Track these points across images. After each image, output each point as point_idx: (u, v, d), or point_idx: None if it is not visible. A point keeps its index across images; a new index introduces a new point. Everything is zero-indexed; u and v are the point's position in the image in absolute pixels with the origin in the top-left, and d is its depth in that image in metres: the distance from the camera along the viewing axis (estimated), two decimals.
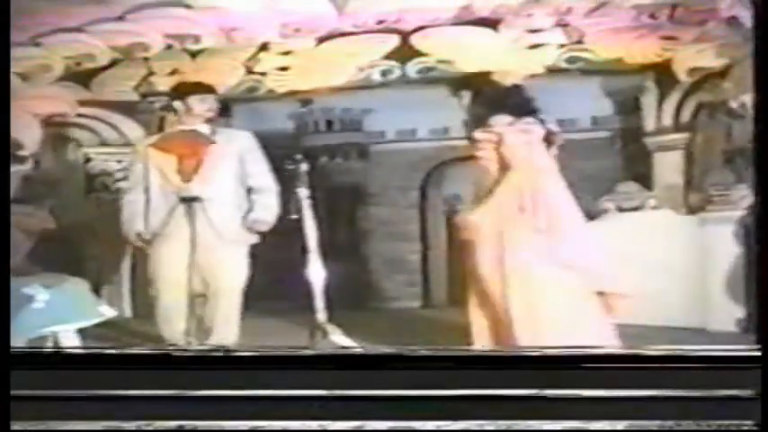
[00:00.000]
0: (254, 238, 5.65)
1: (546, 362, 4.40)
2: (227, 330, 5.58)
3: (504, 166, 5.18)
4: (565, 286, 5.08)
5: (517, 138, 5.19)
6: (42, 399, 4.19)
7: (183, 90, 5.80)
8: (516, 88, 5.56)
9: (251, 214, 5.59)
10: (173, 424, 4.19)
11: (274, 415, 4.20)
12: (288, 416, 4.20)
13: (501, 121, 5.25)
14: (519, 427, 4.16)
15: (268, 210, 5.61)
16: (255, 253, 5.77)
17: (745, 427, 4.10)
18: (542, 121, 5.30)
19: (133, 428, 4.19)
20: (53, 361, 4.47)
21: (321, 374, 4.31)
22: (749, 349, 4.24)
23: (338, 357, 4.61)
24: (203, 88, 5.79)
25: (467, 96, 5.56)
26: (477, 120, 5.32)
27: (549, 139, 5.32)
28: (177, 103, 5.70)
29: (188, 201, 5.47)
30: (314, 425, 4.18)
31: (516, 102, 5.37)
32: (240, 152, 5.66)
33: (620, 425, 4.14)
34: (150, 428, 4.19)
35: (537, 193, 5.12)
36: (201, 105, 5.66)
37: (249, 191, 5.64)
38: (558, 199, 5.20)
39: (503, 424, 4.16)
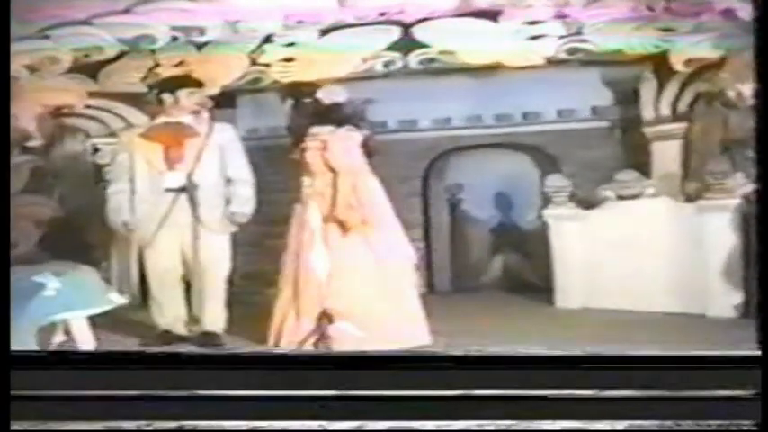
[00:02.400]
0: (234, 228, 5.77)
1: (546, 362, 4.43)
2: (213, 318, 5.70)
3: (330, 169, 5.63)
4: (382, 281, 5.50)
5: (339, 144, 5.65)
6: (42, 399, 4.22)
7: (173, 84, 5.91)
8: (338, 105, 5.97)
9: (230, 206, 5.71)
10: (173, 424, 4.21)
11: (274, 415, 4.21)
12: (288, 416, 4.21)
13: (324, 130, 5.72)
14: (519, 427, 4.17)
15: (246, 202, 5.74)
16: (261, 241, 5.86)
17: (745, 427, 4.10)
18: (361, 129, 5.84)
19: (133, 428, 4.20)
20: (53, 361, 4.48)
21: (321, 374, 4.33)
22: (749, 349, 4.23)
23: (338, 357, 4.64)
24: (191, 82, 5.90)
25: (289, 105, 6.06)
26: (300, 127, 5.78)
27: (366, 145, 5.79)
28: (166, 96, 5.81)
29: (172, 190, 5.58)
30: (314, 425, 4.20)
31: (338, 113, 5.85)
32: (221, 144, 5.75)
33: (620, 425, 4.14)
34: (150, 428, 4.20)
35: (359, 193, 5.60)
36: (189, 99, 5.76)
37: (228, 182, 5.74)
38: (375, 198, 5.73)
39: (503, 424, 4.17)
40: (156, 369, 4.38)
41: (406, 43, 6.70)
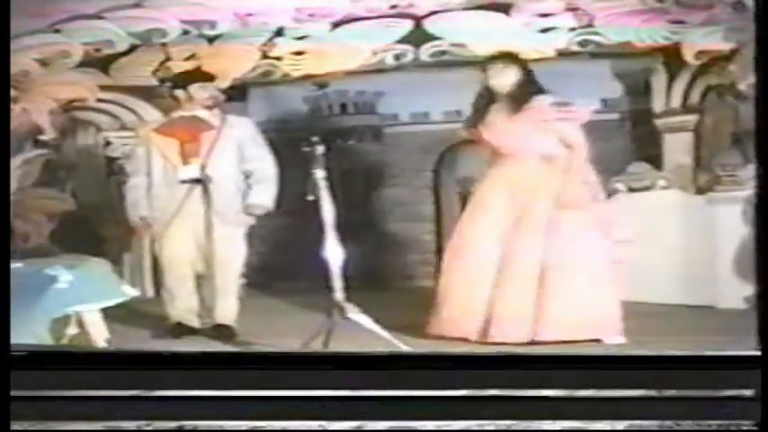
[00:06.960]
0: (252, 221, 5.74)
1: (546, 362, 4.42)
2: (225, 310, 5.68)
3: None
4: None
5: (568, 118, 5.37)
6: (42, 399, 4.18)
7: (185, 78, 5.92)
8: None
9: (248, 198, 5.65)
10: (173, 424, 4.16)
11: (274, 415, 4.17)
12: (288, 416, 4.17)
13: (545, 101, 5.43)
14: (519, 428, 4.12)
15: (266, 194, 5.68)
16: (274, 234, 5.86)
17: (745, 427, 4.06)
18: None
19: (133, 428, 4.16)
20: (53, 361, 4.40)
21: (321, 374, 4.29)
22: (749, 349, 4.19)
23: (338, 357, 4.57)
24: (204, 77, 5.91)
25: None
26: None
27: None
28: (179, 91, 5.81)
29: (188, 183, 5.60)
30: (314, 425, 4.15)
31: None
32: (240, 137, 5.74)
33: (620, 425, 4.09)
34: (150, 428, 4.16)
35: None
36: (202, 93, 5.76)
37: (247, 175, 5.72)
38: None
39: (503, 424, 4.12)
40: (156, 369, 4.34)
41: (418, 36, 6.72)
